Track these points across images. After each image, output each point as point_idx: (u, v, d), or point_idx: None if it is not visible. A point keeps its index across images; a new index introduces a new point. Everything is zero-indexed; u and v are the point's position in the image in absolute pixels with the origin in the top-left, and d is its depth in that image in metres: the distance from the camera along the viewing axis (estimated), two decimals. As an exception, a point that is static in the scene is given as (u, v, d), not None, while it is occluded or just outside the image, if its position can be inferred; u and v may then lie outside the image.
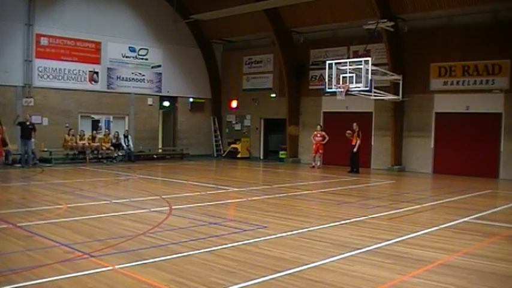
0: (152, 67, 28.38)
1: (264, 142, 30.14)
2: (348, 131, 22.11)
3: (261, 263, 7.12)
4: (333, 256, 7.61)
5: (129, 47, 27.33)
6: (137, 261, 7.03)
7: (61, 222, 9.83)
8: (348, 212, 11.90)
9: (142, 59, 27.90)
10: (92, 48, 25.80)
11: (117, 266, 6.76)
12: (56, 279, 6.18)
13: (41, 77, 23.88)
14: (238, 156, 29.63)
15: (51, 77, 24.23)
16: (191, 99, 30.43)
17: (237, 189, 15.84)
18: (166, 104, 29.45)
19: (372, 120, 24.48)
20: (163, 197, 13.55)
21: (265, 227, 9.73)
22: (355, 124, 22.02)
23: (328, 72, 21.52)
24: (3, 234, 8.63)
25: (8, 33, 22.88)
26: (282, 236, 8.97)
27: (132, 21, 27.45)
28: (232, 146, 30.20)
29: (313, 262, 7.23)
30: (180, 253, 7.55)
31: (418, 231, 9.63)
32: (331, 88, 21.24)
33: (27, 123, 21.74)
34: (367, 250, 8.07)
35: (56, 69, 24.38)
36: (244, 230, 9.39)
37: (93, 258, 7.17)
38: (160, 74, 28.74)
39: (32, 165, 21.77)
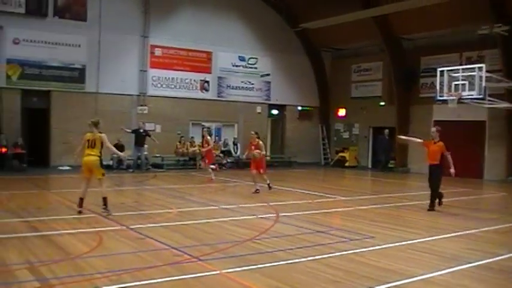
0: (261, 76, 28.74)
1: (372, 151, 29.49)
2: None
3: (367, 274, 6.94)
4: (441, 270, 7.30)
5: (239, 56, 27.86)
6: (243, 266, 7.09)
7: (171, 225, 10.14)
8: (458, 224, 11.38)
9: (251, 67, 28.34)
10: (204, 58, 26.58)
11: (223, 271, 6.84)
12: (164, 280, 6.37)
13: (155, 86, 24.90)
14: (346, 165, 29.22)
15: (164, 85, 25.21)
16: (299, 108, 30.50)
17: (344, 198, 15.62)
18: (274, 112, 29.70)
19: (486, 129, 23.29)
20: (270, 204, 13.61)
21: (373, 237, 9.50)
22: (434, 129, 13.82)
23: (440, 79, 20.72)
24: (117, 236, 9.02)
25: (125, 45, 24.18)
26: (389, 247, 8.72)
27: (242, 31, 27.99)
28: (340, 154, 29.84)
29: (421, 275, 6.98)
30: (286, 260, 7.52)
31: (536, 247, 9.02)
32: (443, 96, 20.40)
33: (141, 130, 22.69)
34: (478, 264, 7.69)
35: (168, 78, 25.36)
36: (351, 240, 9.21)
37: (201, 261, 7.30)
38: (269, 82, 29.03)
39: (145, 170, 22.68)
